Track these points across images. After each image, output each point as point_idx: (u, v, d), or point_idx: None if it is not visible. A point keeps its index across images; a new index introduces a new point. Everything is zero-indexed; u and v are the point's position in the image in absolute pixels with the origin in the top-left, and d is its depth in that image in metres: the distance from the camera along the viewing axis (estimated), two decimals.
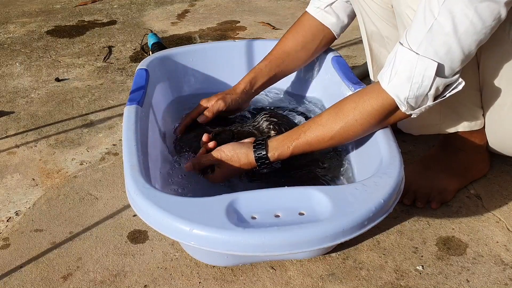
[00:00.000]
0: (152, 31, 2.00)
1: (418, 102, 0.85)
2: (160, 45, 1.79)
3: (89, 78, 1.70)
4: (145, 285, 0.89)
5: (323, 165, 1.07)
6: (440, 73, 0.81)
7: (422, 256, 0.93)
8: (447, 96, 0.85)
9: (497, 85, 0.96)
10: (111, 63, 1.81)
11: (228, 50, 1.36)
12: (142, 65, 1.23)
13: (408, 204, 1.05)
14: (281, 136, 0.95)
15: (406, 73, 0.82)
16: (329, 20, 1.18)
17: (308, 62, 1.27)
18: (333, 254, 0.94)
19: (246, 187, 1.02)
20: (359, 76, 1.45)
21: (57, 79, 1.69)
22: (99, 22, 2.25)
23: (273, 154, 0.94)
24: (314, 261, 0.93)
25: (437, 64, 0.80)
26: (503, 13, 0.77)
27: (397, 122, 0.96)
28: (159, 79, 1.26)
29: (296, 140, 0.93)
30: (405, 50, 0.83)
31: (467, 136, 1.06)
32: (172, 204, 0.77)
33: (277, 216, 0.75)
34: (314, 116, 0.96)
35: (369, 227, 0.76)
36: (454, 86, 0.84)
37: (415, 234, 0.99)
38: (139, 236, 1.00)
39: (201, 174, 1.02)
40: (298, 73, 1.34)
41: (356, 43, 1.89)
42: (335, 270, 0.91)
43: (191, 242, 0.73)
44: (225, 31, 2.10)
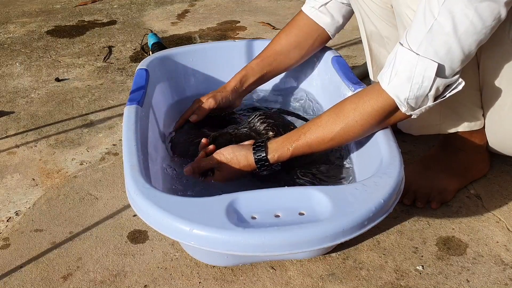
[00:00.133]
0: (152, 31, 2.00)
1: (418, 103, 0.85)
2: (160, 45, 1.79)
3: (89, 78, 1.70)
4: (145, 285, 0.89)
5: (323, 166, 1.06)
6: (440, 74, 0.81)
7: (422, 256, 0.93)
8: (447, 96, 0.85)
9: (497, 85, 0.96)
10: (111, 63, 1.81)
11: (228, 50, 1.36)
12: (142, 65, 1.23)
13: (408, 204, 1.05)
14: (281, 138, 0.95)
15: (406, 74, 0.82)
16: (324, 20, 1.17)
17: (302, 62, 1.26)
18: (333, 254, 0.94)
19: (246, 187, 1.01)
20: (359, 76, 1.44)
21: (57, 79, 1.69)
22: (99, 22, 2.25)
23: (273, 156, 0.94)
24: (314, 261, 0.93)
25: (437, 65, 0.80)
26: (503, 13, 0.77)
27: (397, 123, 0.96)
28: (159, 79, 1.26)
29: (296, 142, 0.93)
30: (405, 51, 0.83)
31: (467, 136, 1.06)
32: (172, 204, 0.77)
33: (277, 216, 0.75)
34: (314, 118, 0.96)
35: (369, 227, 0.76)
36: (454, 86, 0.84)
37: (415, 234, 0.99)
38: (139, 236, 1.00)
39: (201, 178, 1.01)
40: (298, 73, 1.34)
41: (356, 43, 1.89)
42: (335, 270, 0.91)
43: (191, 242, 0.73)
44: (225, 31, 2.10)
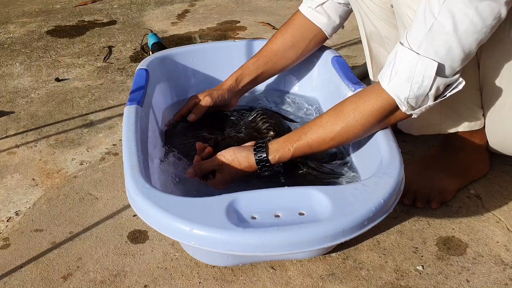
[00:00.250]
0: (152, 31, 2.00)
1: (419, 102, 0.85)
2: (160, 45, 1.79)
3: (89, 78, 1.70)
4: (145, 285, 0.89)
5: (323, 166, 1.06)
6: (441, 73, 0.81)
7: (422, 256, 0.93)
8: (448, 96, 0.85)
9: (498, 85, 0.96)
10: (111, 63, 1.81)
11: (228, 50, 1.35)
12: (142, 65, 1.23)
13: (408, 204, 1.05)
14: (281, 139, 0.95)
15: (406, 73, 0.82)
16: (320, 20, 1.17)
17: (298, 62, 1.25)
18: (333, 254, 0.94)
19: (246, 187, 1.01)
20: (359, 76, 1.44)
21: (57, 79, 1.69)
22: (99, 22, 2.25)
23: (274, 157, 0.94)
24: (314, 261, 0.93)
25: (438, 64, 0.80)
26: (503, 12, 0.77)
27: (398, 122, 0.96)
28: (159, 79, 1.26)
29: (297, 142, 0.93)
30: (405, 50, 0.83)
31: (467, 136, 1.06)
32: (172, 204, 0.77)
33: (277, 216, 0.75)
34: (315, 118, 0.96)
35: (369, 227, 0.76)
36: (455, 86, 0.84)
37: (415, 234, 0.99)
38: (139, 236, 1.00)
39: (203, 180, 1.00)
40: (298, 73, 1.33)
41: (356, 43, 1.89)
42: (335, 270, 0.91)
43: (191, 242, 0.73)
44: (225, 31, 2.10)
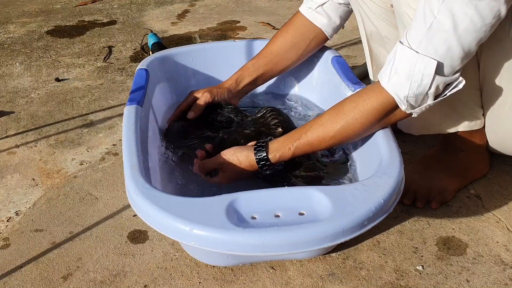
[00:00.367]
0: (152, 31, 2.00)
1: (418, 101, 0.85)
2: (160, 45, 1.79)
3: (89, 78, 1.70)
4: (145, 285, 0.89)
5: (323, 166, 1.06)
6: (440, 72, 0.81)
7: (422, 256, 0.93)
8: (448, 95, 0.85)
9: (498, 85, 0.96)
10: (111, 63, 1.81)
11: (228, 50, 1.35)
12: (142, 65, 1.23)
13: (408, 204, 1.05)
14: (282, 138, 0.95)
15: (406, 72, 0.82)
16: (320, 21, 1.17)
17: (299, 63, 1.25)
18: (333, 254, 0.94)
19: (247, 187, 1.01)
20: (359, 76, 1.44)
21: (57, 79, 1.69)
22: (99, 22, 2.25)
23: (274, 156, 0.94)
24: (314, 261, 0.93)
25: (437, 62, 0.80)
26: (503, 11, 0.77)
27: (398, 122, 0.96)
28: (159, 79, 1.26)
29: (297, 141, 0.93)
30: (405, 49, 0.83)
31: (467, 136, 1.06)
32: (172, 204, 0.77)
33: (277, 216, 0.75)
34: (315, 117, 0.96)
35: (369, 227, 0.76)
36: (455, 85, 0.84)
37: (415, 234, 0.98)
38: (139, 236, 1.00)
39: (207, 177, 1.01)
40: (298, 73, 1.33)
41: (356, 43, 1.89)
42: (335, 270, 0.91)
43: (191, 242, 0.73)
44: (225, 31, 2.10)
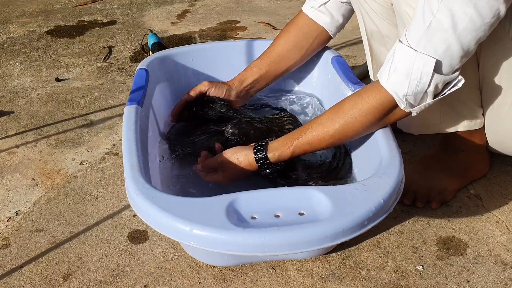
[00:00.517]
0: (152, 31, 2.00)
1: (417, 100, 0.85)
2: (160, 45, 1.79)
3: (89, 78, 1.70)
4: (145, 285, 0.89)
5: (323, 166, 1.06)
6: (439, 70, 0.81)
7: (422, 256, 0.93)
8: (447, 94, 0.85)
9: (497, 84, 0.96)
10: (111, 63, 1.81)
11: (228, 50, 1.35)
12: (142, 65, 1.23)
13: (408, 204, 1.05)
14: (282, 137, 0.95)
15: (405, 70, 0.82)
16: (323, 20, 1.17)
17: (303, 62, 1.25)
18: (333, 254, 0.94)
19: (247, 187, 1.01)
20: (359, 76, 1.44)
21: (57, 79, 1.69)
22: (99, 22, 2.25)
23: (273, 155, 0.94)
24: (314, 261, 0.93)
25: (435, 60, 0.80)
26: (503, 10, 0.77)
27: (397, 122, 0.96)
28: (159, 79, 1.26)
29: (297, 140, 0.93)
30: (404, 48, 0.83)
31: (467, 136, 1.06)
32: (172, 204, 0.77)
33: (277, 216, 0.75)
34: (315, 117, 0.96)
35: (369, 227, 0.76)
36: (454, 84, 0.84)
37: (415, 234, 0.98)
38: (139, 236, 1.00)
39: (208, 176, 1.01)
40: (298, 73, 1.33)
41: (356, 43, 1.89)
42: (335, 270, 0.91)
43: (191, 242, 0.73)
44: (225, 31, 2.10)
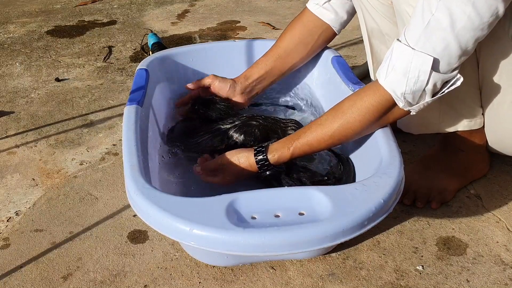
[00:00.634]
0: (152, 31, 2.00)
1: (416, 98, 0.85)
2: (160, 45, 1.79)
3: (89, 78, 1.70)
4: (145, 285, 0.89)
5: (323, 166, 1.06)
6: (437, 68, 0.81)
7: (422, 256, 0.93)
8: (446, 92, 0.85)
9: (497, 83, 0.96)
10: (111, 63, 1.81)
11: (228, 50, 1.35)
12: (142, 65, 1.23)
13: (408, 204, 1.05)
14: (282, 139, 0.96)
15: (403, 68, 0.82)
16: (328, 16, 1.17)
17: (308, 59, 1.25)
18: (333, 254, 0.94)
19: (246, 187, 1.01)
20: (359, 76, 1.44)
21: (57, 79, 1.69)
22: (99, 22, 2.25)
23: (273, 156, 0.94)
24: (314, 261, 0.93)
25: (433, 59, 0.80)
26: (501, 9, 0.77)
27: (397, 121, 0.96)
28: (159, 79, 1.26)
29: (296, 141, 0.93)
30: (402, 46, 0.83)
31: (467, 136, 1.06)
32: (172, 204, 0.77)
33: (277, 216, 0.75)
34: (315, 119, 0.96)
35: (369, 227, 0.76)
36: (452, 82, 0.84)
37: (415, 234, 0.99)
38: (139, 236, 1.00)
39: (208, 178, 1.01)
40: (298, 73, 1.33)
41: (356, 43, 1.89)
42: (335, 270, 0.91)
43: (191, 242, 0.73)
44: (225, 31, 2.10)
